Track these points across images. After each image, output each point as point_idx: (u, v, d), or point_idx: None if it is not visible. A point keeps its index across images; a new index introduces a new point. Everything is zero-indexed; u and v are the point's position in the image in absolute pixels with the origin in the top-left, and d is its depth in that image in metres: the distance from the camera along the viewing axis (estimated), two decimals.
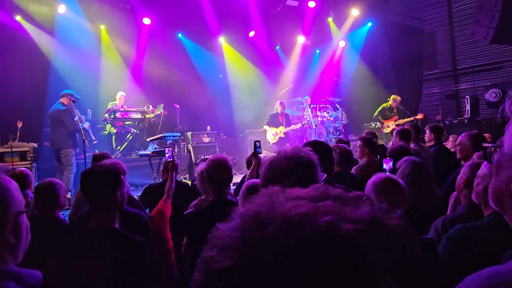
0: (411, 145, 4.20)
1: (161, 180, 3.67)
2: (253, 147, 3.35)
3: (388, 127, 8.33)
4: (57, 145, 6.15)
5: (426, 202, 2.14)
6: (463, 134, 3.53)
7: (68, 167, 6.04)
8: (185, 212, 2.41)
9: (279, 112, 8.15)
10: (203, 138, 8.55)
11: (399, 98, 8.52)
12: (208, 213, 2.20)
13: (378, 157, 3.89)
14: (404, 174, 2.19)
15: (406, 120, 8.12)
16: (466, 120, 9.51)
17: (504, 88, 9.48)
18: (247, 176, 3.34)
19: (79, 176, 5.94)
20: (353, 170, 3.68)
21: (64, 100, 6.13)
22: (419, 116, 8.13)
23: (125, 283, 1.65)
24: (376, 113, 8.61)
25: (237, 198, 2.45)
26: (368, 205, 0.44)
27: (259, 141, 3.44)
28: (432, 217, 2.01)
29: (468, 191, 1.94)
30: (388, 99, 8.71)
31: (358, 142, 4.02)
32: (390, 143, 4.74)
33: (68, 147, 6.10)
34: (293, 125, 8.23)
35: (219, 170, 2.27)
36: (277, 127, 8.08)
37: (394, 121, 8.35)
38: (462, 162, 3.25)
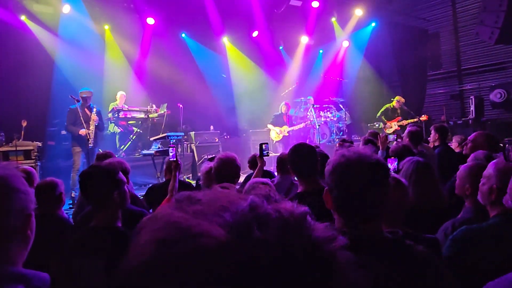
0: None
1: (164, 179, 3.68)
2: (258, 148, 3.28)
3: (391, 127, 8.31)
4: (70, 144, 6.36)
5: (431, 201, 2.13)
6: (478, 132, 3.55)
7: (73, 166, 6.09)
8: None
9: (283, 112, 8.22)
10: (206, 138, 8.56)
11: (402, 99, 8.50)
12: None
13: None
14: (408, 173, 2.19)
15: (409, 121, 8.09)
16: (470, 121, 9.46)
17: (509, 88, 9.42)
18: (252, 178, 3.32)
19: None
20: None
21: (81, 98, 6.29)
22: (423, 117, 8.09)
23: None
24: (379, 114, 8.61)
25: None
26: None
27: (266, 144, 3.38)
28: (437, 217, 1.99)
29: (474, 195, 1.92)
30: (392, 99, 8.69)
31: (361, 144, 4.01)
32: (394, 143, 4.72)
33: (73, 146, 6.15)
34: (296, 125, 8.26)
35: (228, 168, 2.28)
36: (281, 127, 8.16)
37: (397, 121, 8.33)
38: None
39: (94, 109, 6.26)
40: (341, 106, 10.02)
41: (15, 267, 0.93)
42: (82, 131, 5.97)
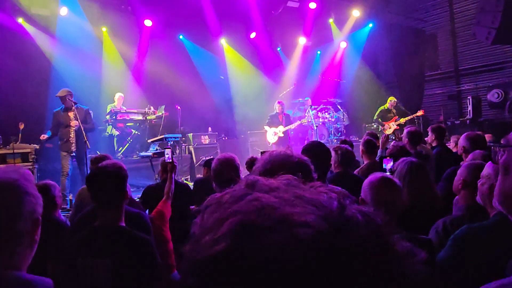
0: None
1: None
2: (260, 153, 3.36)
3: (390, 128, 8.36)
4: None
5: (425, 201, 2.13)
6: (462, 136, 3.54)
7: (62, 170, 5.93)
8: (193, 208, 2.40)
9: (278, 112, 8.15)
10: (204, 140, 8.55)
11: (394, 99, 8.60)
12: None
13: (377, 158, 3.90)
14: (402, 174, 2.19)
15: (407, 118, 8.17)
16: (468, 121, 9.49)
17: (506, 88, 9.45)
18: None
19: (75, 179, 5.82)
20: (356, 172, 3.67)
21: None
22: (419, 113, 8.15)
23: (131, 281, 1.66)
24: (375, 116, 8.66)
25: None
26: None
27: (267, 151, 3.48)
28: (431, 217, 2.00)
29: (466, 192, 1.93)
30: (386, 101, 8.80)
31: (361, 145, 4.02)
32: (392, 144, 4.74)
33: (60, 150, 5.99)
34: (291, 125, 8.21)
35: (228, 169, 2.24)
36: (277, 127, 8.08)
37: (395, 121, 8.39)
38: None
39: (73, 111, 5.84)
40: (339, 107, 10.03)
41: (20, 272, 0.91)
42: (42, 136, 5.79)
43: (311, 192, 0.43)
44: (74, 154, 5.88)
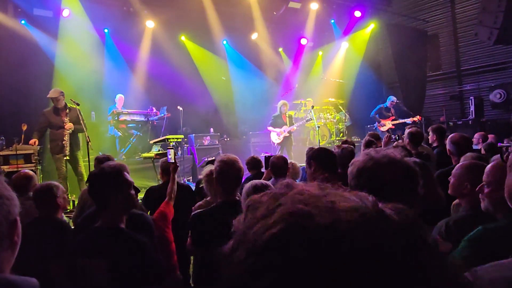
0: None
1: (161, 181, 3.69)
2: (264, 160, 3.52)
3: (385, 125, 8.40)
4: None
5: (428, 202, 2.13)
6: (447, 139, 3.55)
7: (58, 173, 5.85)
8: (193, 213, 2.40)
9: (282, 112, 8.05)
10: (206, 141, 8.56)
11: (394, 98, 8.65)
12: (217, 214, 2.20)
13: None
14: None
15: (404, 120, 8.20)
16: (470, 121, 9.46)
17: (508, 89, 9.43)
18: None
19: (70, 181, 5.77)
20: None
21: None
22: (416, 118, 8.16)
23: (129, 282, 1.67)
24: (373, 113, 8.67)
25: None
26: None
27: (271, 156, 3.54)
28: (434, 217, 1.99)
29: (470, 194, 1.92)
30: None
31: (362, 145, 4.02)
32: (394, 144, 4.73)
33: (52, 153, 5.92)
34: (295, 125, 8.17)
35: (230, 170, 2.24)
36: (281, 128, 8.00)
37: (391, 120, 8.42)
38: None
39: (67, 117, 5.71)
40: (341, 108, 10.03)
41: (3, 274, 0.90)
42: (33, 142, 5.63)
43: (341, 190, 0.47)
44: (68, 158, 5.83)
